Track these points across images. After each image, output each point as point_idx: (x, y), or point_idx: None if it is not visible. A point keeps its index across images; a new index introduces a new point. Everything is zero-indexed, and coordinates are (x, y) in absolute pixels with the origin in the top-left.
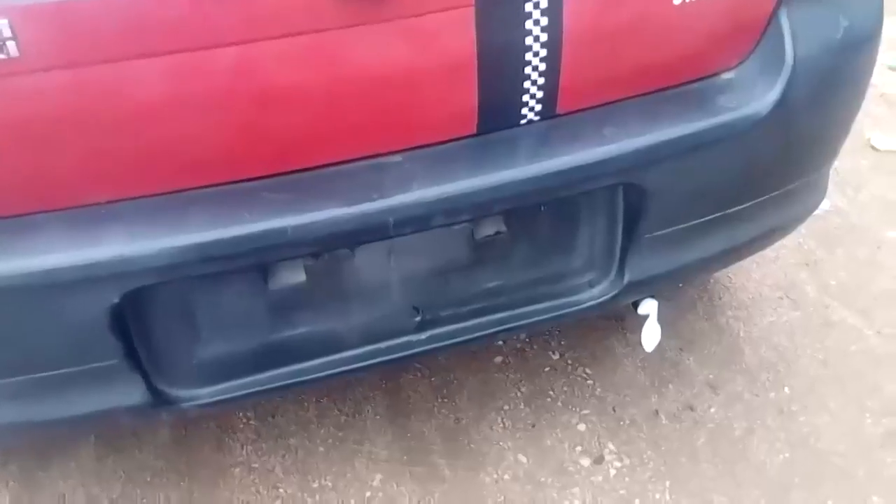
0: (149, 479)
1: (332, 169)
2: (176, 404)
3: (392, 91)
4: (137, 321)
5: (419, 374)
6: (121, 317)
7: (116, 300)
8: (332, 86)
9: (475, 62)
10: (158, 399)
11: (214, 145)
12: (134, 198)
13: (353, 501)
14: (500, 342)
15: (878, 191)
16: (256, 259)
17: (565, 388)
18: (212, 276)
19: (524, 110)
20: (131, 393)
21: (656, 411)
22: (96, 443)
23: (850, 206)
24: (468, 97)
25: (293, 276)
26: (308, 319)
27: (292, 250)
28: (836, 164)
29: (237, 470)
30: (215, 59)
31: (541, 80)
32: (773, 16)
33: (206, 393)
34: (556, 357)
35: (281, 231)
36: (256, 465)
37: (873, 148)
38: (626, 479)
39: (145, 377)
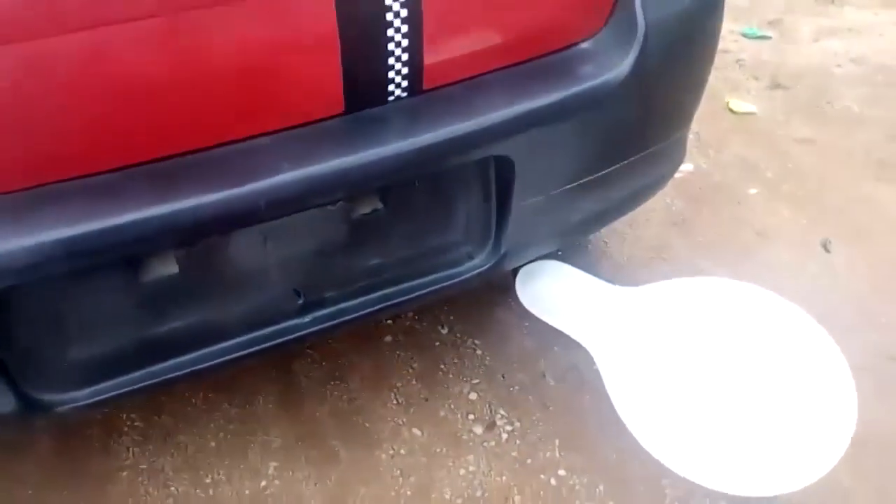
0: (31, 491)
1: (198, 155)
2: (50, 409)
3: (255, 72)
4: None
5: (310, 360)
6: None
7: None
8: (192, 69)
9: (337, 41)
10: (29, 405)
11: (70, 137)
12: None
13: (248, 492)
14: (389, 321)
15: (737, 151)
16: (124, 253)
17: (455, 361)
18: (78, 273)
19: (391, 87)
20: None
21: (543, 374)
22: None
23: (712, 167)
24: (333, 77)
25: (165, 267)
26: (186, 311)
27: (161, 242)
28: (698, 127)
29: (125, 473)
30: (65, 46)
31: (405, 57)
32: None
33: (83, 395)
34: (445, 331)
35: (147, 222)
36: (145, 467)
37: (731, 111)
38: (518, 441)
39: (11, 383)
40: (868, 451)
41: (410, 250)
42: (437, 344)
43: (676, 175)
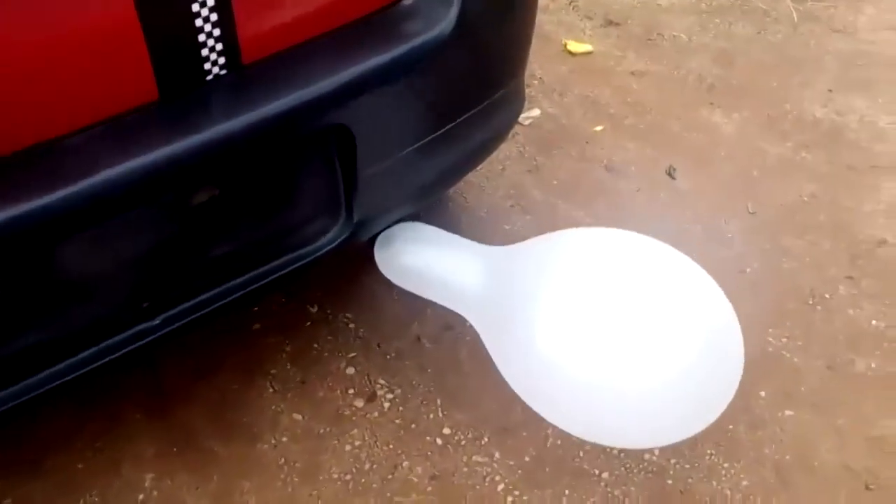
0: None
1: None
2: None
3: (49, 62)
4: None
5: (176, 359)
6: None
7: None
8: None
9: (136, 19)
10: None
11: None
12: None
13: None
14: (256, 308)
15: (580, 91)
16: None
17: (329, 338)
18: None
19: (206, 66)
20: None
21: (418, 338)
22: None
23: (558, 110)
24: (139, 60)
25: None
26: (16, 332)
27: None
28: (540, 72)
29: None
30: None
31: (216, 31)
32: None
33: None
34: (315, 310)
35: None
36: (10, 501)
37: (570, 53)
38: (401, 408)
39: None
40: None
41: (258, 234)
42: (309, 324)
43: (525, 121)
